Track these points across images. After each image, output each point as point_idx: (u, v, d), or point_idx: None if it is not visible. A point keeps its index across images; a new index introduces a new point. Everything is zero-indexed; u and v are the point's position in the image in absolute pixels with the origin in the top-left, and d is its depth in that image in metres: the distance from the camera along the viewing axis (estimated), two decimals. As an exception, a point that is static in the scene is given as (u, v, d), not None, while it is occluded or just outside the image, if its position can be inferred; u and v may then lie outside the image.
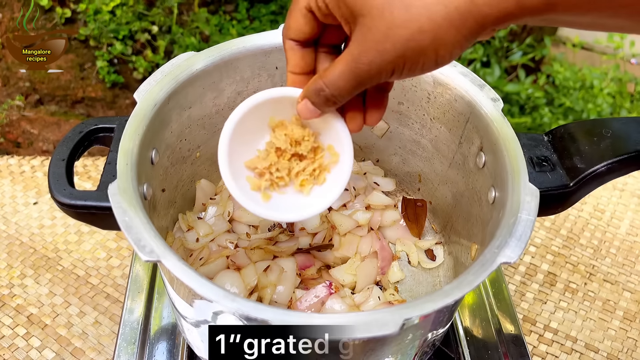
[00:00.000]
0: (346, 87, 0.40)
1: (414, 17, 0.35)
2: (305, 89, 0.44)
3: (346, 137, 0.49)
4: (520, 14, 0.34)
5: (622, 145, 0.53)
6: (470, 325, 0.69)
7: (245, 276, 0.60)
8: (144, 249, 0.41)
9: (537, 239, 0.92)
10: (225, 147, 0.47)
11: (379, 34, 0.36)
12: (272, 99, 0.48)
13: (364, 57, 0.37)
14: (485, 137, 0.56)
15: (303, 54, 0.44)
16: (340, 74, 0.39)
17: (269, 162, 0.50)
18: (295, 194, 0.51)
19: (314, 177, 0.51)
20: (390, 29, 0.36)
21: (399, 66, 0.37)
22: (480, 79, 0.58)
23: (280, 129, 0.49)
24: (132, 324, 0.65)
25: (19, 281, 0.81)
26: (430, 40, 0.35)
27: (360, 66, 0.38)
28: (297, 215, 0.51)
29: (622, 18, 0.34)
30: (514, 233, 0.45)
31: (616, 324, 0.81)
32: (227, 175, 0.48)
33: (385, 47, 0.36)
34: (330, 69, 0.40)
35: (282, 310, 0.38)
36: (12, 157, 0.99)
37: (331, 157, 0.51)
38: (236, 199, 0.48)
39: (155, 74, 0.54)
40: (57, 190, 0.49)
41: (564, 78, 2.14)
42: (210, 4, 2.25)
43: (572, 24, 0.36)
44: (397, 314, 0.38)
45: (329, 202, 0.50)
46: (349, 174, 0.50)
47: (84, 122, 0.55)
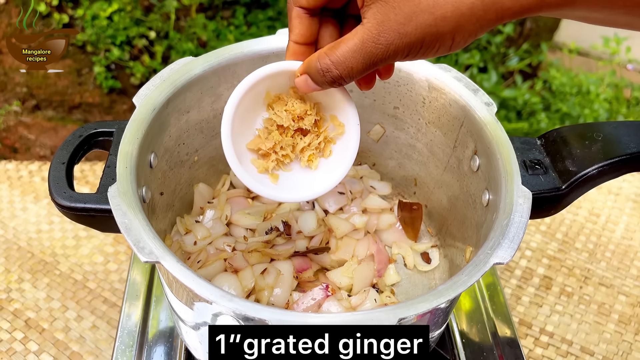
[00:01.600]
0: (358, 67, 0.39)
1: (440, 4, 0.35)
2: (306, 66, 0.42)
3: (350, 106, 0.47)
4: (539, 9, 0.34)
5: (612, 149, 0.54)
6: (466, 328, 0.69)
7: (243, 279, 0.60)
8: (143, 250, 0.41)
9: (533, 242, 0.93)
10: (227, 131, 0.46)
11: (402, 16, 0.36)
12: (270, 74, 0.46)
13: (383, 38, 0.37)
14: (479, 140, 0.57)
15: (310, 23, 0.43)
16: (353, 53, 0.38)
17: (273, 142, 0.48)
18: (303, 171, 0.50)
19: (320, 151, 0.49)
20: (415, 12, 0.35)
21: (415, 49, 0.37)
22: (474, 84, 0.59)
23: (279, 105, 0.47)
24: (130, 327, 0.65)
25: (16, 285, 0.81)
26: (450, 28, 0.36)
27: (377, 46, 0.37)
28: (310, 193, 0.49)
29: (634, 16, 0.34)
30: (507, 234, 0.45)
31: (611, 327, 0.82)
32: (233, 160, 0.46)
33: (407, 30, 0.36)
34: (339, 47, 0.39)
35: (279, 310, 0.39)
36: (10, 162, 1.00)
37: (336, 128, 0.49)
38: (246, 185, 0.47)
39: (154, 79, 0.55)
40: (57, 193, 0.50)
41: (561, 84, 2.16)
42: (207, 10, 2.26)
43: (585, 19, 0.37)
44: (392, 314, 0.39)
45: (340, 177, 0.49)
46: (357, 144, 0.48)
47: (83, 126, 0.55)
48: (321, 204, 0.71)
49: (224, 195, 0.71)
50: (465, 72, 2.19)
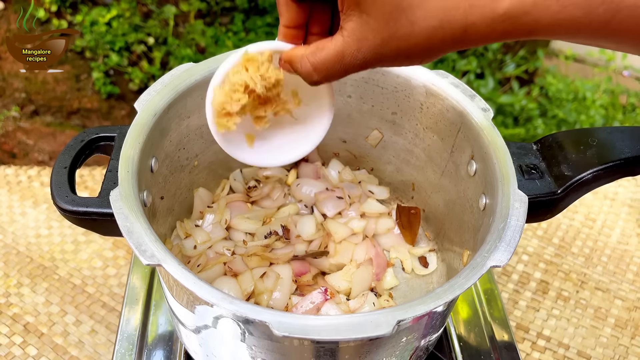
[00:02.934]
0: (335, 75, 0.43)
1: (415, 34, 0.38)
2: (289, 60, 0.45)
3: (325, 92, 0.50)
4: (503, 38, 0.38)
5: (607, 154, 0.55)
6: (464, 332, 0.70)
7: (242, 282, 0.61)
8: (145, 253, 0.42)
9: (530, 247, 0.93)
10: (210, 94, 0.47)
11: (380, 39, 0.39)
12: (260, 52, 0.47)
13: (361, 54, 0.40)
14: (476, 145, 0.58)
15: (297, 9, 0.45)
16: (333, 63, 0.42)
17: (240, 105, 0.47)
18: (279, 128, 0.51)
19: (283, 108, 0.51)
20: (391, 38, 0.39)
21: (387, 64, 0.41)
22: (471, 90, 0.60)
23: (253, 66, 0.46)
24: (129, 331, 0.65)
25: (15, 290, 0.81)
26: (420, 52, 0.39)
27: (355, 61, 0.41)
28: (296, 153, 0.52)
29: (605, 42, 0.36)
30: (504, 238, 0.46)
31: (608, 331, 0.82)
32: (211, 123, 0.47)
33: (383, 51, 0.40)
34: (320, 53, 0.42)
35: (280, 313, 0.40)
36: (9, 167, 1.00)
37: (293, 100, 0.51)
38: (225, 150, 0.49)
39: (155, 85, 0.55)
40: (59, 197, 0.50)
41: (557, 90, 2.17)
42: (206, 16, 2.27)
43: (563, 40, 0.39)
44: (391, 316, 0.39)
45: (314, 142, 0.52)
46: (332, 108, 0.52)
47: (85, 130, 0.56)
48: (320, 208, 0.72)
49: (224, 199, 0.71)
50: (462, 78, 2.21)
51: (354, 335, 0.39)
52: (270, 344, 0.46)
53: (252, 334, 0.45)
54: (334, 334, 0.39)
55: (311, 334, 0.39)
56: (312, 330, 0.39)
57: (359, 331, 0.39)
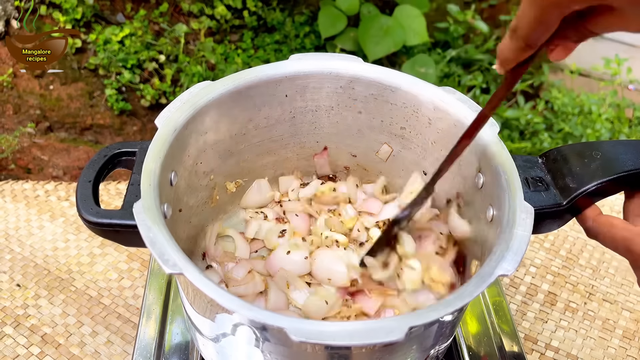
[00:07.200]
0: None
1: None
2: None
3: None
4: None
5: (611, 167, 0.56)
6: (473, 343, 0.71)
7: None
8: (168, 262, 0.44)
9: (537, 259, 0.94)
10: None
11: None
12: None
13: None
14: (483, 159, 0.59)
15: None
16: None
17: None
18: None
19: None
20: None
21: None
22: (478, 105, 0.62)
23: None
24: (147, 340, 0.67)
25: (33, 302, 0.83)
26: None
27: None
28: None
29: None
30: (511, 247, 0.48)
31: (616, 343, 0.83)
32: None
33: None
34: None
35: (296, 319, 0.41)
36: (27, 182, 1.02)
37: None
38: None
39: (175, 102, 0.58)
40: (84, 209, 0.52)
41: (563, 104, 2.18)
42: (216, 34, 2.31)
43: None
44: (403, 322, 0.41)
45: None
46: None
47: (108, 146, 0.58)
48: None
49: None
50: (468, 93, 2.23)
51: (367, 341, 0.41)
52: (285, 350, 0.48)
53: (269, 340, 0.47)
54: (348, 339, 0.41)
55: (326, 339, 0.40)
56: (328, 336, 0.41)
57: (373, 337, 0.41)
